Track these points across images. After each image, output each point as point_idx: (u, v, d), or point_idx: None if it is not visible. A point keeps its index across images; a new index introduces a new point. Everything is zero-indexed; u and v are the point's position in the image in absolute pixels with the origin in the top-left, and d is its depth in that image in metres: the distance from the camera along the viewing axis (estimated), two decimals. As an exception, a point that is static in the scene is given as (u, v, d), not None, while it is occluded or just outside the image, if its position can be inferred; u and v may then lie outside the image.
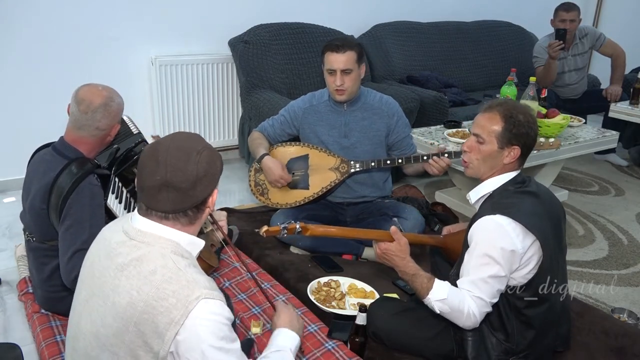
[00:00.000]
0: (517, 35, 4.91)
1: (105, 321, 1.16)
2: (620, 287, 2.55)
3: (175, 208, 1.19)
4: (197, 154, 1.19)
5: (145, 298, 1.12)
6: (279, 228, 1.68)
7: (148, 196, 1.19)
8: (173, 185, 1.16)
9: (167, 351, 1.11)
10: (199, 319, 1.11)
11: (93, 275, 1.23)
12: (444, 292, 1.59)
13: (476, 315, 1.58)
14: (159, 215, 1.20)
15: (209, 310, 1.12)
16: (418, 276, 1.65)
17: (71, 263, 1.67)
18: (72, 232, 1.70)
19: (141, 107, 3.57)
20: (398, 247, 1.73)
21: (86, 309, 1.22)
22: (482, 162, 1.71)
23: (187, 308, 1.10)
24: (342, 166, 2.48)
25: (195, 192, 1.18)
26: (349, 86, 2.40)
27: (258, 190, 2.59)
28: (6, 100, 3.15)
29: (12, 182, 3.23)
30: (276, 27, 3.68)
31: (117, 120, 1.85)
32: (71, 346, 1.29)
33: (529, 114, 1.68)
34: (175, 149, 1.18)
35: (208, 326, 1.12)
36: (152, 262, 1.15)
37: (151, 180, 1.17)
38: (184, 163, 1.17)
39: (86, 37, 3.26)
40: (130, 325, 1.13)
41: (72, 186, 1.71)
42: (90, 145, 1.83)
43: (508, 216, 1.56)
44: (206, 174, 1.19)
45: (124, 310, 1.13)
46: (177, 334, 1.10)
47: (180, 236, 1.22)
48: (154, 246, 1.18)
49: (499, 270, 1.56)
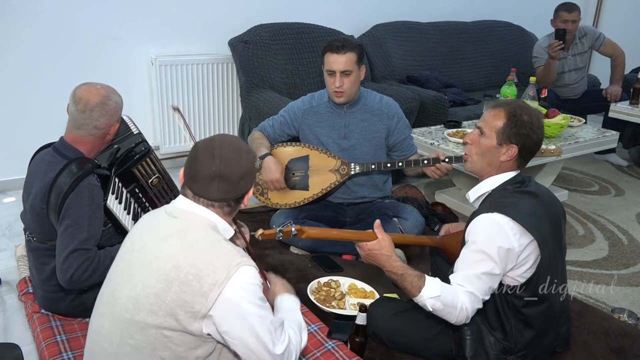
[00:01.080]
0: (517, 35, 4.91)
1: (147, 283, 1.25)
2: (620, 287, 2.55)
3: (222, 197, 1.32)
4: (246, 152, 1.36)
5: (190, 261, 1.23)
6: (275, 231, 1.67)
7: (200, 185, 1.31)
8: (225, 176, 1.30)
9: (208, 309, 1.21)
10: (240, 282, 1.23)
11: (133, 249, 1.34)
12: (437, 289, 1.57)
13: (468, 310, 1.57)
14: (205, 202, 1.33)
15: (249, 275, 1.25)
16: (407, 275, 1.61)
17: (67, 262, 1.67)
18: (70, 232, 1.70)
19: (141, 107, 3.57)
20: (381, 245, 1.66)
21: (124, 277, 1.31)
22: (480, 156, 1.72)
23: (230, 272, 1.22)
24: (342, 168, 2.48)
25: (240, 186, 1.33)
26: (348, 88, 2.40)
27: (258, 190, 2.59)
28: (6, 100, 3.15)
29: (12, 182, 3.23)
30: (276, 27, 3.68)
31: (116, 119, 1.85)
32: (100, 315, 1.34)
33: (535, 118, 1.67)
34: (229, 146, 1.33)
35: (248, 289, 1.24)
36: (194, 234, 1.28)
37: (206, 170, 1.30)
38: (237, 158, 1.32)
39: (86, 37, 3.26)
40: (174, 285, 1.22)
41: (71, 186, 1.71)
42: (90, 144, 1.83)
43: (506, 215, 1.56)
44: (251, 171, 1.36)
45: (169, 272, 1.23)
46: (220, 294, 1.21)
47: (218, 220, 1.34)
48: (195, 222, 1.31)
49: (494, 268, 1.56)
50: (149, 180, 2.04)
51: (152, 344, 1.24)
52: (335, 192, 2.57)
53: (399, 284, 1.67)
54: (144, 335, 1.25)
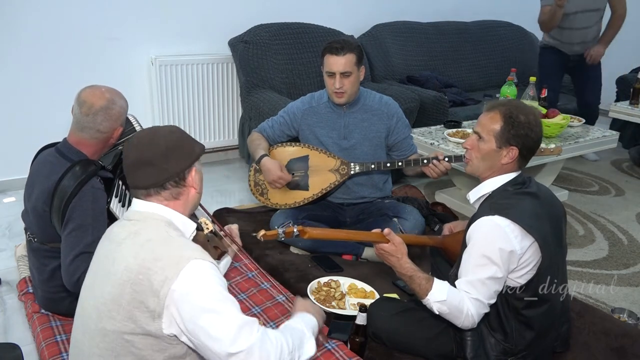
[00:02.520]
0: (517, 35, 4.91)
1: (104, 290, 1.24)
2: (620, 287, 2.55)
3: (153, 182, 1.29)
4: (167, 133, 1.32)
5: (140, 262, 1.20)
6: (277, 232, 1.67)
7: (129, 176, 1.31)
8: (145, 160, 1.27)
9: (162, 307, 1.18)
10: (190, 276, 1.18)
11: (98, 260, 1.34)
12: (444, 294, 1.58)
13: (474, 316, 1.58)
14: (142, 193, 1.31)
15: (200, 268, 1.20)
16: (416, 277, 1.64)
17: (73, 266, 1.67)
18: (75, 235, 1.69)
19: (141, 107, 3.56)
20: (393, 248, 1.70)
21: (90, 288, 1.31)
22: (481, 160, 1.71)
23: (179, 266, 1.18)
24: (342, 168, 2.48)
25: (168, 165, 1.28)
26: (348, 89, 2.40)
27: (257, 190, 2.59)
28: (6, 100, 3.15)
29: (12, 182, 3.24)
30: (276, 27, 3.68)
31: (120, 124, 1.84)
32: (74, 328, 1.34)
33: (532, 116, 1.66)
34: (146, 131, 1.34)
35: (198, 283, 1.19)
36: (148, 233, 1.26)
37: (128, 160, 1.30)
38: (152, 139, 1.29)
39: (86, 37, 3.26)
40: (127, 287, 1.20)
41: (75, 189, 1.71)
42: (93, 147, 1.83)
43: (506, 217, 1.56)
44: (175, 147, 1.30)
45: (121, 275, 1.21)
46: (170, 290, 1.17)
47: (172, 214, 1.32)
48: (148, 221, 1.29)
49: (497, 272, 1.56)
50: None
51: (114, 350, 1.22)
52: (335, 192, 2.57)
53: (408, 285, 1.69)
54: (106, 342, 1.23)
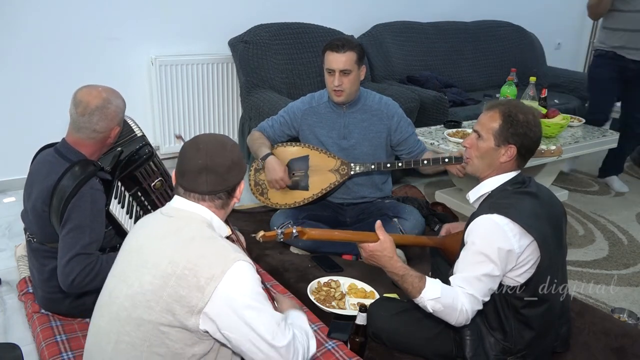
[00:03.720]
0: (517, 35, 4.91)
1: (144, 280, 1.26)
2: (620, 287, 2.55)
3: (212, 190, 1.34)
4: (231, 145, 1.39)
5: (186, 257, 1.24)
6: (275, 233, 1.67)
7: (188, 179, 1.34)
8: (212, 168, 1.32)
9: (205, 303, 1.21)
10: (236, 276, 1.24)
11: (130, 251, 1.36)
12: (437, 291, 1.57)
13: (468, 312, 1.57)
14: (196, 197, 1.35)
15: (245, 269, 1.26)
16: (408, 276, 1.61)
17: (69, 267, 1.66)
18: (72, 236, 1.69)
19: (141, 107, 3.57)
20: (382, 246, 1.65)
21: (122, 278, 1.32)
22: (480, 159, 1.72)
23: (226, 266, 1.24)
24: (342, 168, 2.48)
25: (229, 177, 1.35)
26: (347, 87, 2.40)
27: (258, 190, 2.59)
28: (6, 100, 3.15)
29: (12, 182, 3.24)
30: (276, 27, 3.68)
31: (117, 123, 1.83)
32: (98, 316, 1.35)
33: (531, 115, 1.67)
34: (214, 140, 1.38)
35: (244, 283, 1.25)
36: (190, 231, 1.30)
37: (193, 164, 1.33)
38: (221, 150, 1.35)
39: (86, 37, 3.26)
40: (171, 280, 1.23)
41: (73, 190, 1.70)
42: (91, 147, 1.82)
43: (506, 216, 1.56)
44: (238, 162, 1.38)
45: (165, 268, 1.24)
46: (216, 288, 1.21)
47: (213, 217, 1.37)
48: (190, 219, 1.33)
49: (493, 269, 1.56)
50: (151, 183, 2.02)
51: (148, 340, 1.25)
52: (335, 192, 2.57)
53: (400, 285, 1.67)
54: (141, 332, 1.25)
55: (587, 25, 5.80)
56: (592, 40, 5.80)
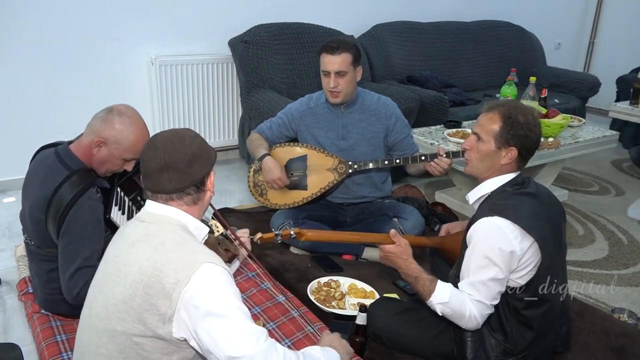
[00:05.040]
0: (517, 35, 4.91)
1: (116, 290, 1.24)
2: (620, 287, 2.55)
3: (176, 187, 1.30)
4: (190, 138, 1.32)
5: (153, 264, 1.21)
6: (273, 235, 1.67)
7: (152, 180, 1.30)
8: (171, 166, 1.28)
9: (174, 310, 1.18)
10: (202, 280, 1.18)
11: (107, 260, 1.33)
12: (446, 296, 1.59)
13: (477, 318, 1.58)
14: (164, 197, 1.31)
15: (212, 273, 1.20)
16: (420, 278, 1.65)
17: (72, 281, 1.66)
18: (72, 249, 1.68)
19: (141, 107, 3.51)
20: (399, 249, 1.73)
21: (99, 288, 1.31)
22: (480, 160, 1.72)
23: (192, 270, 1.18)
24: (340, 167, 2.48)
25: (191, 171, 1.30)
26: (344, 88, 2.40)
27: (257, 190, 2.59)
28: (6, 100, 3.15)
29: (12, 182, 3.23)
30: (276, 27, 3.68)
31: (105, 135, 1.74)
32: (81, 328, 1.34)
33: (531, 116, 1.66)
34: (170, 135, 1.33)
35: (209, 287, 1.19)
36: (162, 236, 1.26)
37: (152, 164, 1.29)
38: (179, 145, 1.30)
39: (86, 37, 3.26)
40: (139, 289, 1.20)
41: (72, 200, 1.68)
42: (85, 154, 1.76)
43: (506, 218, 1.56)
44: (200, 154, 1.32)
45: (134, 277, 1.21)
46: (181, 293, 1.17)
47: (188, 219, 1.33)
48: (163, 224, 1.29)
49: (498, 273, 1.56)
50: None
51: (123, 352, 1.22)
52: (334, 191, 2.57)
53: (413, 286, 1.70)
54: (115, 344, 1.23)
55: (587, 25, 5.81)
56: (592, 40, 5.80)
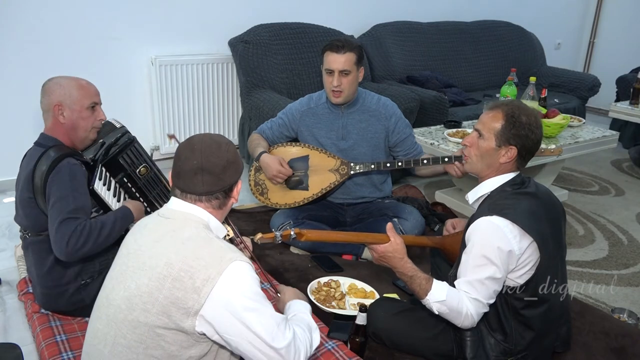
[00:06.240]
0: (517, 35, 4.91)
1: (140, 282, 1.26)
2: (620, 287, 2.55)
3: (208, 190, 1.34)
4: (226, 145, 1.38)
5: (182, 258, 1.24)
6: (273, 235, 1.67)
7: (184, 180, 1.34)
8: (207, 169, 1.32)
9: (201, 305, 1.21)
10: (233, 276, 1.23)
11: (128, 253, 1.35)
12: (443, 294, 1.59)
13: (474, 316, 1.59)
14: (193, 198, 1.35)
15: (241, 270, 1.25)
16: (416, 277, 1.64)
17: (60, 232, 1.69)
18: (57, 206, 1.72)
19: (141, 107, 3.57)
20: (394, 247, 1.69)
21: (119, 280, 1.32)
22: (479, 158, 1.72)
23: (222, 267, 1.23)
24: (342, 168, 2.48)
25: (225, 177, 1.35)
26: (346, 88, 2.40)
27: (258, 190, 2.59)
28: (6, 100, 3.15)
29: (12, 182, 3.18)
30: (276, 27, 3.68)
31: (55, 99, 1.87)
32: (95, 319, 1.35)
33: (534, 118, 1.66)
34: (209, 139, 1.37)
35: (240, 283, 1.24)
36: (187, 231, 1.30)
37: (188, 165, 1.33)
38: (216, 150, 1.34)
39: (86, 37, 3.26)
40: (167, 282, 1.23)
41: (50, 166, 1.76)
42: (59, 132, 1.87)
43: (505, 217, 1.56)
44: (234, 162, 1.37)
45: (161, 270, 1.24)
46: (213, 289, 1.21)
47: (210, 218, 1.37)
48: (187, 221, 1.33)
49: (496, 272, 1.56)
50: (136, 169, 2.09)
51: (144, 342, 1.25)
52: (335, 192, 2.57)
53: (408, 285, 1.69)
54: (136, 334, 1.25)
55: (587, 25, 5.81)
56: (592, 40, 5.80)
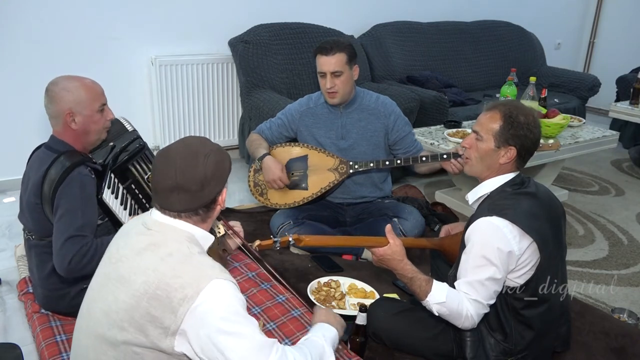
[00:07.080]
0: (517, 35, 4.91)
1: (119, 298, 1.21)
2: (620, 287, 2.55)
3: (186, 208, 1.27)
4: (204, 157, 1.25)
5: (160, 276, 1.18)
6: (272, 241, 1.67)
7: (161, 198, 1.27)
8: (183, 186, 1.24)
9: (178, 326, 1.16)
10: (210, 296, 1.16)
11: (110, 262, 1.30)
12: (443, 295, 1.58)
13: (474, 317, 1.59)
14: (172, 215, 1.28)
15: (220, 289, 1.18)
16: (416, 279, 1.64)
17: (64, 249, 1.67)
18: (65, 220, 1.71)
19: (141, 107, 3.57)
20: (393, 250, 1.68)
21: (100, 292, 1.28)
22: (479, 159, 1.71)
23: (200, 286, 1.16)
24: (341, 167, 2.48)
25: (204, 194, 1.26)
26: (340, 88, 2.40)
27: (257, 190, 2.59)
28: (6, 100, 3.15)
29: (12, 182, 3.23)
30: (276, 27, 3.68)
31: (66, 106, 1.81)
32: (78, 329, 1.32)
33: (532, 117, 1.66)
34: (185, 150, 1.26)
35: (218, 304, 1.17)
36: (169, 246, 1.23)
37: (163, 183, 1.25)
38: (192, 166, 1.24)
39: (86, 37, 3.26)
40: (143, 300, 1.17)
41: (61, 176, 1.73)
42: (70, 137, 1.84)
43: (505, 218, 1.56)
44: (214, 176, 1.26)
45: (139, 287, 1.19)
46: (189, 310, 1.15)
47: (195, 230, 1.30)
48: (169, 234, 1.26)
49: (495, 272, 1.56)
50: (145, 176, 2.07)
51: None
52: (335, 191, 2.57)
53: (409, 287, 1.69)
54: (116, 352, 1.21)
55: (587, 25, 5.81)
56: (592, 40, 5.80)
